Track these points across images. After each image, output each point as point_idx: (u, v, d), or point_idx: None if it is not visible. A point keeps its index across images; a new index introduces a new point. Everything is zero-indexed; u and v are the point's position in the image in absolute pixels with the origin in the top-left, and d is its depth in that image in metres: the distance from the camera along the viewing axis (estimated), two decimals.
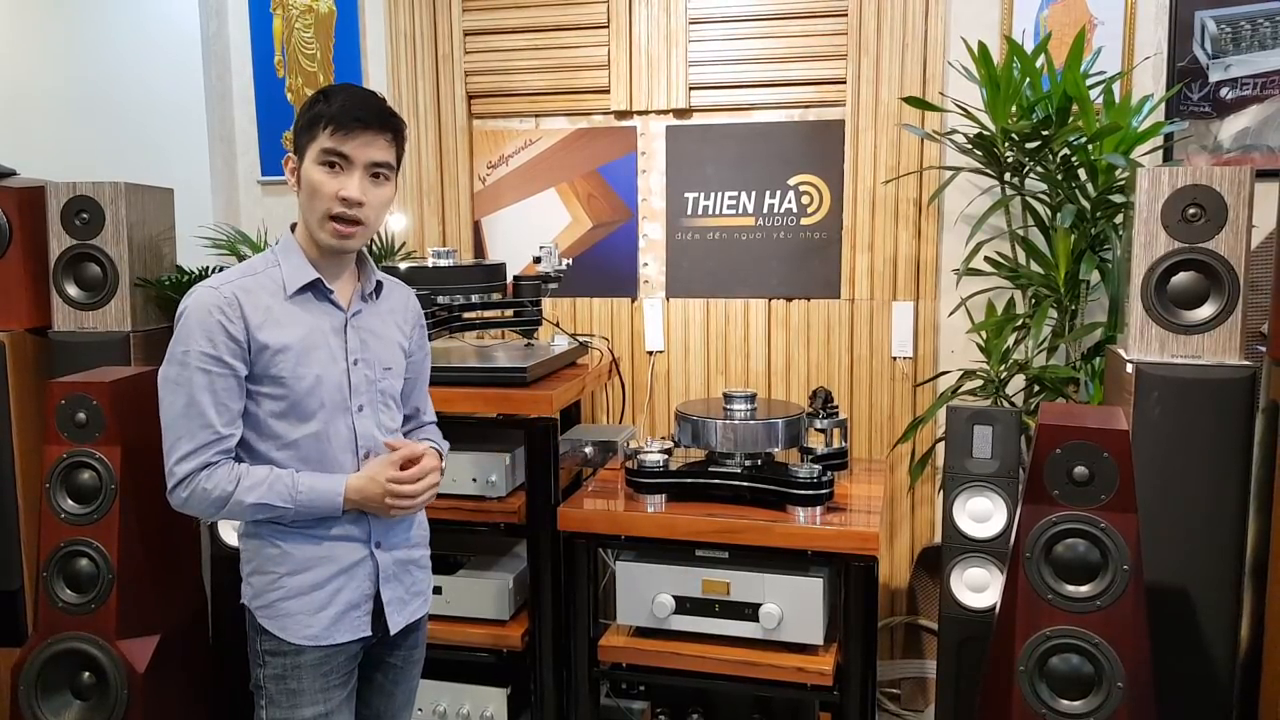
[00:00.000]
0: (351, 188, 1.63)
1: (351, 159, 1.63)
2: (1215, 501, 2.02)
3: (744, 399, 2.31)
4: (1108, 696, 1.75)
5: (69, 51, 3.27)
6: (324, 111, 1.62)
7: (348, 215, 1.64)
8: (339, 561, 1.71)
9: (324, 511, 1.67)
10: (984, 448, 2.22)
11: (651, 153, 3.04)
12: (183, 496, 1.64)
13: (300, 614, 1.69)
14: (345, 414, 1.71)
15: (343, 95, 1.64)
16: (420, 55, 3.11)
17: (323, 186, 1.63)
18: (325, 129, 1.61)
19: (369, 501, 1.69)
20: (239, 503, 1.62)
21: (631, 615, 2.29)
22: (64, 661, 2.24)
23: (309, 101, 1.67)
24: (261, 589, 1.71)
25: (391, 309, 1.83)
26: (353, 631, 1.73)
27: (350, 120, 1.61)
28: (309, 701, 1.70)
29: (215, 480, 1.62)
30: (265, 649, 1.71)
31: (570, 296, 3.10)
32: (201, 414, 1.62)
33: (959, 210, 2.81)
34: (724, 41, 2.92)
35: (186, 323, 1.63)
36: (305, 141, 1.65)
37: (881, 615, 2.87)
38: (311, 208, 1.65)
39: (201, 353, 1.61)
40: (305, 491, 1.65)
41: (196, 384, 1.61)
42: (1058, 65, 2.45)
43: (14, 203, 2.75)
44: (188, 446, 1.62)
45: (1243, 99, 2.62)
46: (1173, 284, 2.07)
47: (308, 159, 1.64)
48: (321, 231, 1.66)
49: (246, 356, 1.64)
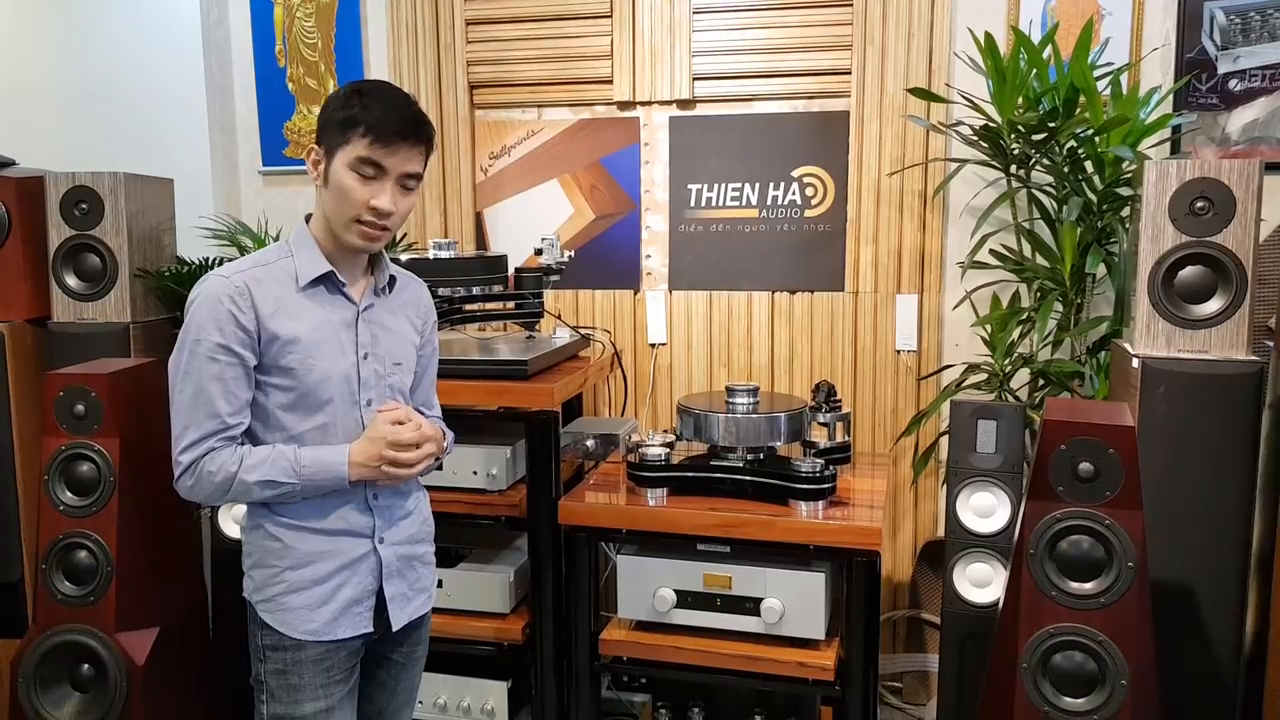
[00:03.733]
0: (384, 199, 1.62)
1: (386, 170, 1.61)
2: (1221, 498, 2.00)
3: (746, 392, 2.30)
4: (1111, 694, 1.73)
5: (68, 41, 3.25)
6: (363, 118, 1.59)
7: (376, 224, 1.64)
8: (342, 556, 1.70)
9: (331, 483, 1.65)
10: (988, 442, 2.21)
11: (654, 144, 3.02)
12: (188, 484, 1.63)
13: (302, 609, 1.68)
14: (354, 408, 1.70)
15: (381, 101, 1.60)
16: (422, 45, 3.09)
17: (354, 193, 1.61)
18: (363, 137, 1.59)
19: (371, 460, 1.66)
20: (243, 482, 1.61)
21: (633, 609, 2.28)
22: (63, 654, 2.23)
23: (341, 98, 1.62)
24: (263, 583, 1.70)
25: (405, 303, 1.82)
26: (354, 627, 1.72)
27: (391, 134, 1.59)
28: (310, 697, 1.70)
29: (218, 462, 1.61)
30: (266, 644, 1.70)
31: (572, 289, 3.09)
32: (209, 403, 1.61)
33: (964, 203, 2.79)
34: (728, 31, 2.90)
35: (197, 311, 1.61)
36: (338, 142, 1.61)
37: (884, 609, 2.86)
38: (339, 210, 1.63)
39: (211, 342, 1.60)
40: (309, 464, 1.63)
41: (205, 373, 1.60)
42: (1065, 56, 2.42)
43: (13, 193, 2.74)
44: (194, 435, 1.61)
45: (1252, 91, 2.59)
46: (1180, 278, 2.05)
47: (339, 161, 1.61)
48: (347, 233, 1.65)
49: (256, 346, 1.62)
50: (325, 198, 1.65)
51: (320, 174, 1.65)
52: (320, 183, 1.65)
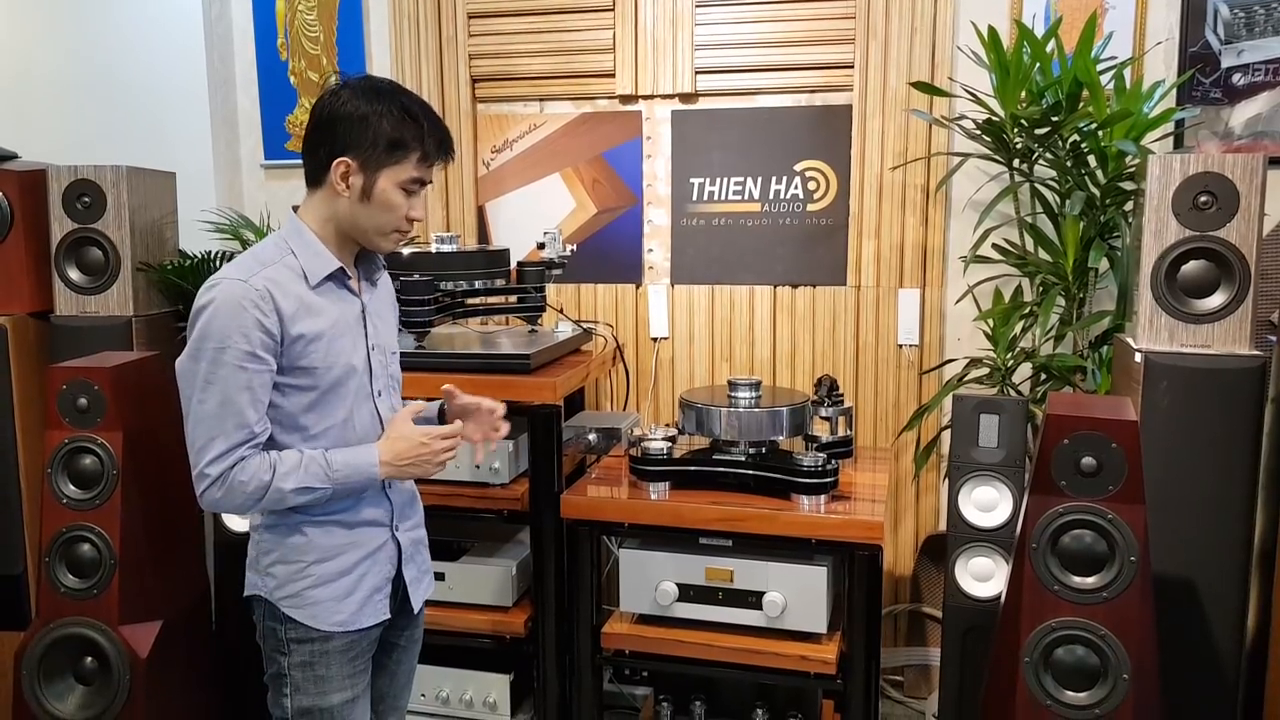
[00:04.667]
0: (421, 208, 1.70)
1: (427, 184, 1.69)
2: (1223, 492, 2.00)
3: (748, 386, 2.30)
4: (1113, 688, 1.74)
5: (70, 34, 3.25)
6: (418, 141, 1.62)
7: (407, 230, 1.70)
8: (365, 546, 1.73)
9: (362, 485, 1.67)
10: (990, 437, 2.21)
11: (657, 137, 3.02)
12: (216, 496, 1.58)
13: (329, 601, 1.69)
14: (368, 400, 1.72)
15: (431, 123, 1.65)
16: (424, 38, 3.08)
17: (400, 209, 1.66)
18: (418, 158, 1.63)
19: (401, 459, 1.66)
20: (279, 490, 1.59)
21: (635, 602, 2.28)
22: (66, 647, 2.24)
23: (388, 116, 1.61)
24: (286, 579, 1.69)
25: (386, 292, 1.86)
26: (376, 615, 1.75)
27: (444, 156, 1.68)
28: (337, 688, 1.71)
29: (250, 472, 1.57)
30: (291, 637, 1.70)
31: (574, 283, 3.08)
32: (239, 413, 1.56)
33: (967, 197, 2.78)
34: (730, 25, 2.89)
35: (216, 317, 1.55)
36: (385, 161, 1.61)
37: (885, 602, 2.86)
38: (380, 223, 1.66)
39: (238, 350, 1.55)
40: (340, 468, 1.63)
41: (233, 382, 1.56)
42: (1068, 50, 2.42)
43: (15, 186, 2.73)
44: (222, 446, 1.56)
45: (1255, 85, 2.59)
46: (1183, 272, 2.05)
47: (387, 180, 1.62)
48: (383, 241, 1.69)
49: (278, 350, 1.60)
50: (360, 210, 1.65)
51: (353, 188, 1.63)
52: (352, 196, 1.63)
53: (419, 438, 1.67)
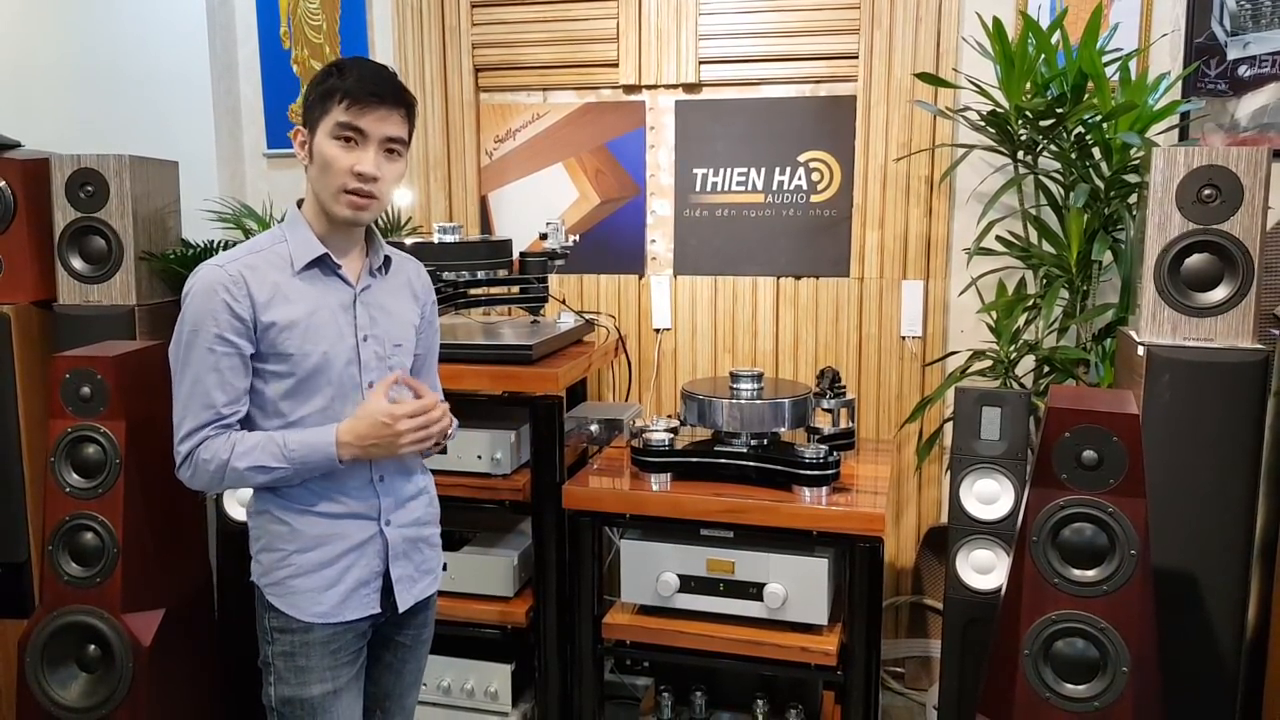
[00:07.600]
0: (367, 162, 1.63)
1: (367, 134, 1.63)
2: (1225, 486, 2.00)
3: (751, 378, 2.30)
4: (1112, 681, 1.74)
5: (73, 23, 3.24)
6: (338, 85, 1.61)
7: (363, 190, 1.64)
8: (349, 539, 1.72)
9: (323, 464, 1.64)
10: (992, 429, 2.21)
11: (660, 128, 3.01)
12: (187, 474, 1.65)
13: (310, 591, 1.69)
14: (356, 391, 1.70)
15: (357, 69, 1.63)
16: (427, 27, 3.07)
17: (337, 161, 1.62)
18: (340, 103, 1.61)
19: (364, 440, 1.64)
20: (235, 469, 1.61)
21: (636, 593, 2.29)
22: (69, 634, 2.25)
23: (320, 74, 1.66)
24: (270, 566, 1.71)
25: (403, 284, 1.82)
26: (362, 609, 1.73)
27: (366, 95, 1.61)
28: (317, 679, 1.71)
29: (212, 450, 1.62)
30: (274, 626, 1.71)
31: (577, 273, 3.08)
32: (206, 394, 1.62)
33: (971, 188, 2.78)
34: (735, 15, 2.88)
35: (192, 302, 1.62)
36: (318, 115, 1.64)
37: (886, 594, 2.86)
38: (325, 182, 1.65)
39: (208, 333, 1.60)
40: (296, 448, 1.63)
41: (203, 364, 1.61)
42: (1073, 41, 2.41)
43: (18, 175, 2.74)
44: (190, 425, 1.63)
45: (1261, 77, 2.58)
46: (1186, 265, 2.05)
47: (320, 133, 1.63)
48: (336, 205, 1.65)
49: (252, 335, 1.63)
50: (313, 173, 1.67)
51: (306, 152, 1.67)
52: (307, 160, 1.67)
53: (380, 416, 1.64)
